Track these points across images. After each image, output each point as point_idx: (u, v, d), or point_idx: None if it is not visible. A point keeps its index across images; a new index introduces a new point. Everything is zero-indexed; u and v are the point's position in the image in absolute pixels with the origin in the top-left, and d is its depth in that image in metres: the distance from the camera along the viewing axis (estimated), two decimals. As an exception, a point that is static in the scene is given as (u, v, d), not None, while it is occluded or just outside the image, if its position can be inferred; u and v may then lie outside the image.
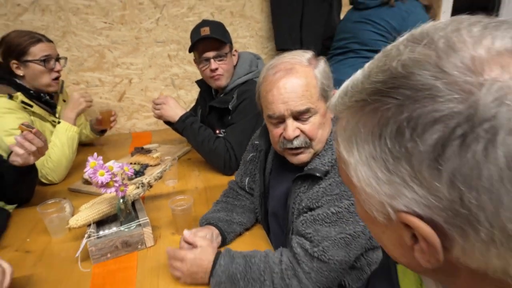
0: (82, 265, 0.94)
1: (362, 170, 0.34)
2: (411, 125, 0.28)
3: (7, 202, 1.28)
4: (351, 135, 0.35)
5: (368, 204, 0.36)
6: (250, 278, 0.82)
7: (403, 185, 0.31)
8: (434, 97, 0.26)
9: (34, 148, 1.12)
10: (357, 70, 0.37)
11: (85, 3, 1.93)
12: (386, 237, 0.39)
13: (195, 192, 1.35)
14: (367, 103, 0.32)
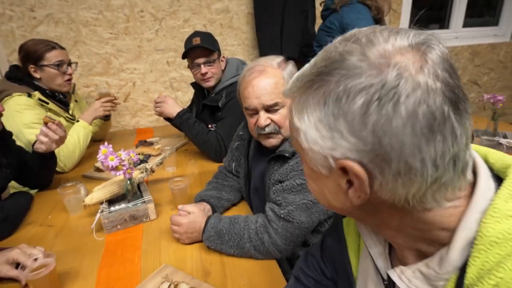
0: (97, 235, 0.99)
1: (311, 133, 0.38)
2: (346, 93, 0.34)
3: (31, 187, 1.31)
4: (303, 107, 0.39)
5: (314, 161, 0.39)
6: (232, 233, 0.87)
7: (341, 137, 0.36)
8: (360, 74, 0.33)
9: (57, 137, 1.16)
10: None
11: (94, 16, 1.93)
12: (327, 189, 0.41)
13: (191, 176, 1.38)
14: (314, 82, 0.37)
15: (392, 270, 0.43)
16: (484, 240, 0.34)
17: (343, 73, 0.34)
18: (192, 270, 0.84)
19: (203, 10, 2.10)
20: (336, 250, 0.60)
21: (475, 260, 0.34)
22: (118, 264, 0.87)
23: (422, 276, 0.40)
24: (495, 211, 0.34)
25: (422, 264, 0.40)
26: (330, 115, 0.36)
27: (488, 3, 3.03)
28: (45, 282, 0.74)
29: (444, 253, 0.37)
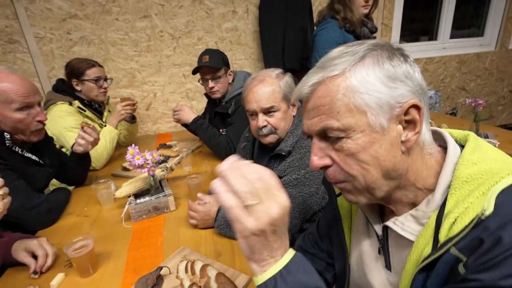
0: (125, 223, 1.05)
1: (379, 89, 0.42)
2: (392, 55, 0.43)
3: (69, 184, 1.39)
4: (363, 75, 0.42)
5: (377, 119, 0.42)
6: None
7: (403, 84, 0.42)
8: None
9: (92, 139, 1.24)
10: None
11: (120, 37, 2.02)
12: (382, 149, 0.43)
13: (205, 174, 1.42)
14: (365, 55, 0.43)
15: (389, 221, 0.49)
16: (458, 181, 0.41)
17: (384, 48, 0.44)
18: (206, 251, 0.89)
19: (214, 29, 2.18)
20: (332, 225, 0.65)
21: (452, 195, 0.41)
22: (144, 247, 0.93)
23: (412, 218, 0.46)
24: (464, 161, 0.43)
25: (413, 210, 0.47)
26: (390, 70, 0.42)
27: (474, 15, 3.02)
28: (85, 259, 0.81)
29: (430, 197, 0.45)
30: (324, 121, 0.44)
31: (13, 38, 1.87)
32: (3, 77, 0.99)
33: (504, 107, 3.29)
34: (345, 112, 0.42)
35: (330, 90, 0.43)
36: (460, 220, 0.39)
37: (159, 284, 0.74)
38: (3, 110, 0.99)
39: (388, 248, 0.52)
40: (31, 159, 1.13)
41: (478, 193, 0.39)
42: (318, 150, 0.47)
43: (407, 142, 0.43)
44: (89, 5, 1.92)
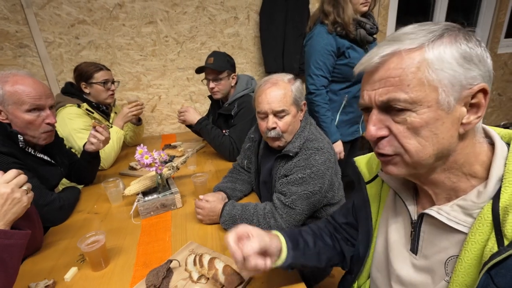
0: (134, 220, 1.06)
1: (454, 68, 0.41)
2: (469, 37, 0.42)
3: (78, 183, 1.39)
4: (439, 52, 0.41)
5: (448, 98, 0.41)
6: (244, 217, 0.93)
7: (476, 67, 0.41)
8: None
9: (103, 138, 1.25)
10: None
11: (127, 41, 2.03)
12: (443, 127, 0.43)
13: (209, 173, 1.43)
14: (443, 33, 0.42)
15: (429, 209, 0.48)
16: (511, 175, 0.41)
17: (461, 30, 0.43)
18: (212, 245, 0.90)
19: (217, 34, 2.19)
20: (361, 206, 0.65)
21: (506, 189, 0.41)
22: (153, 242, 0.95)
23: (459, 208, 0.45)
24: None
25: (459, 199, 0.46)
26: (466, 49, 0.41)
27: (464, 22, 3.05)
28: (97, 254, 0.82)
29: (481, 188, 0.44)
30: (392, 92, 0.43)
31: (23, 43, 1.88)
32: (19, 79, 1.00)
33: (493, 110, 3.33)
34: (416, 86, 0.41)
35: (404, 62, 0.42)
36: None
37: (169, 276, 0.75)
38: (15, 110, 1.00)
39: (419, 233, 0.52)
40: (44, 159, 1.14)
41: None
42: (377, 120, 0.46)
43: (467, 125, 0.43)
44: (97, 11, 1.93)
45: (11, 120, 1.01)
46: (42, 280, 0.79)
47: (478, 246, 0.42)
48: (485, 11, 2.92)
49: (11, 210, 0.69)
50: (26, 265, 0.88)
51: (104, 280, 0.80)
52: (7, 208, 0.68)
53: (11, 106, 0.99)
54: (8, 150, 0.98)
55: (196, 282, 0.74)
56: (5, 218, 0.68)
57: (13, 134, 1.01)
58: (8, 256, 0.66)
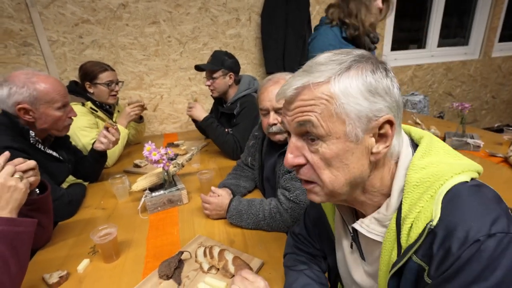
0: (142, 215, 1.08)
1: (360, 102, 0.42)
2: (376, 69, 0.43)
3: (84, 179, 1.41)
4: (346, 85, 0.42)
5: (353, 130, 0.42)
6: (250, 212, 0.96)
7: (382, 99, 0.42)
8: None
9: (114, 139, 1.28)
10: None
11: (130, 41, 2.05)
12: (353, 157, 0.44)
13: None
14: (351, 65, 0.43)
15: (355, 223, 0.52)
16: (409, 185, 0.43)
17: (369, 61, 0.44)
18: (220, 239, 0.94)
19: (219, 35, 2.22)
20: (319, 223, 0.68)
21: (405, 199, 0.43)
22: (161, 236, 0.97)
23: (376, 221, 0.48)
24: (413, 166, 0.44)
25: (375, 213, 0.49)
26: (374, 83, 0.42)
27: (460, 25, 3.14)
28: (109, 246, 0.85)
29: (388, 201, 0.47)
30: (306, 116, 0.44)
31: (28, 41, 1.89)
32: (44, 79, 1.05)
33: (487, 112, 3.41)
34: (326, 117, 0.43)
35: (314, 94, 0.43)
36: (415, 226, 0.41)
37: (181, 267, 0.78)
38: (46, 108, 1.05)
39: (359, 244, 0.55)
40: (52, 155, 1.16)
41: (427, 196, 0.41)
42: (294, 148, 0.47)
43: (377, 154, 0.44)
44: (101, 11, 1.95)
45: (39, 118, 1.05)
46: (55, 271, 0.81)
47: (388, 253, 0.45)
48: (479, 15, 3.00)
49: (12, 198, 0.71)
50: (38, 257, 0.91)
51: (117, 271, 0.82)
52: (6, 197, 0.70)
53: (43, 105, 1.04)
54: (19, 146, 1.01)
55: (207, 272, 0.77)
56: (8, 206, 0.70)
57: (25, 130, 1.04)
58: (19, 243, 0.68)
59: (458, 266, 0.36)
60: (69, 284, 0.79)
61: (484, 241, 0.35)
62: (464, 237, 0.36)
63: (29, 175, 0.78)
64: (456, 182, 0.41)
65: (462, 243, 0.36)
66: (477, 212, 0.38)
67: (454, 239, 0.37)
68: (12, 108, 1.01)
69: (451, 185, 0.41)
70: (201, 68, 1.63)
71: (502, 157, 1.37)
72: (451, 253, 0.37)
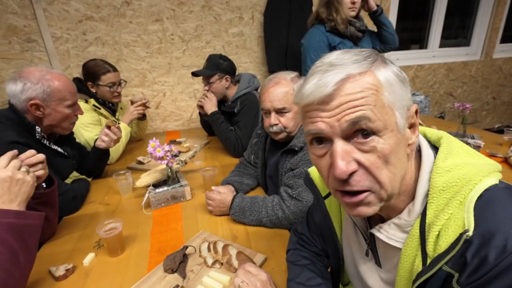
0: (145, 210, 1.10)
1: (401, 92, 0.41)
2: (390, 63, 0.43)
3: (87, 175, 1.42)
4: (385, 77, 0.40)
5: (402, 120, 0.41)
6: (253, 209, 0.97)
7: (408, 88, 0.42)
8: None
9: (115, 137, 1.29)
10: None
11: (133, 39, 2.06)
12: (403, 149, 0.41)
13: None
14: (375, 60, 0.42)
15: (373, 228, 0.49)
16: (435, 190, 0.41)
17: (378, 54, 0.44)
18: (223, 235, 0.95)
19: (222, 34, 2.23)
20: (323, 225, 0.66)
21: (430, 205, 0.40)
22: (165, 231, 0.99)
23: (396, 226, 0.46)
24: (438, 169, 0.42)
25: (395, 219, 0.46)
26: (399, 74, 0.42)
27: (461, 26, 3.14)
28: (114, 240, 0.86)
29: (411, 206, 0.44)
30: (360, 111, 0.38)
31: (31, 37, 1.90)
32: (58, 77, 1.07)
33: (488, 112, 3.42)
34: (379, 108, 0.38)
35: (361, 85, 0.39)
36: (445, 234, 0.38)
37: (185, 261, 0.80)
38: (57, 105, 1.07)
39: (376, 249, 0.52)
40: (57, 151, 1.17)
41: (456, 202, 0.38)
42: (344, 153, 0.39)
43: (412, 145, 0.43)
44: (105, 8, 1.96)
45: (49, 114, 1.07)
46: (61, 264, 0.83)
47: (410, 261, 0.43)
48: (481, 16, 3.01)
49: (20, 191, 0.72)
50: (45, 250, 0.92)
51: (122, 265, 0.84)
52: (15, 190, 0.71)
53: (54, 102, 1.06)
54: (25, 141, 1.02)
55: (211, 267, 0.78)
56: (17, 199, 0.71)
57: (31, 126, 1.05)
58: (27, 235, 0.70)
59: (493, 274, 0.34)
60: (75, 277, 0.80)
61: None
62: (503, 245, 0.34)
63: (38, 168, 0.80)
64: (486, 186, 0.39)
65: (501, 252, 0.34)
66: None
67: (492, 248, 0.34)
68: (24, 103, 1.02)
69: (481, 189, 0.38)
70: (198, 74, 1.64)
71: (502, 158, 1.39)
72: (488, 262, 0.34)
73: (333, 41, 1.63)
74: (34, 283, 0.78)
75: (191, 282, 0.74)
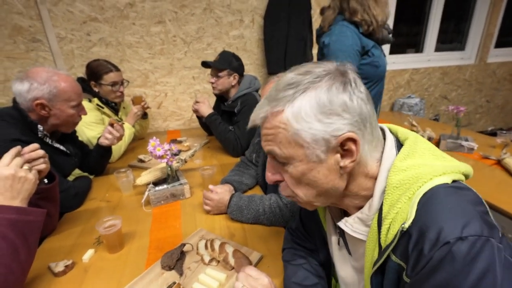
0: (145, 208, 1.09)
1: (314, 126, 0.42)
2: (331, 87, 0.42)
3: (89, 173, 1.42)
4: (299, 111, 0.42)
5: (314, 152, 0.43)
6: (250, 208, 0.97)
7: (340, 117, 0.42)
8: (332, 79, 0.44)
9: (118, 135, 1.28)
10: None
11: (136, 40, 2.05)
12: (320, 175, 0.45)
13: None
14: (306, 89, 0.42)
15: (340, 221, 0.52)
16: (390, 187, 0.43)
17: (325, 78, 0.43)
18: (220, 233, 0.94)
19: (222, 36, 2.22)
20: (311, 216, 0.69)
21: (386, 200, 0.43)
22: (164, 229, 0.98)
23: (359, 220, 0.49)
24: (394, 168, 0.44)
25: (358, 213, 0.49)
26: (326, 105, 0.41)
27: (457, 31, 3.14)
28: (113, 237, 0.85)
29: (371, 202, 0.47)
30: (271, 146, 0.46)
31: (36, 38, 1.89)
32: (64, 78, 1.07)
33: (481, 115, 3.41)
34: (285, 144, 0.44)
35: (272, 124, 0.45)
36: (392, 227, 0.41)
37: (183, 258, 0.79)
38: (62, 106, 1.07)
39: (345, 240, 0.56)
40: (60, 149, 1.16)
41: (405, 198, 0.41)
42: (271, 167, 0.51)
43: (345, 168, 0.45)
44: (109, 9, 1.95)
45: (54, 114, 1.07)
46: (61, 260, 0.82)
47: (371, 252, 0.46)
48: (476, 21, 3.00)
49: (22, 188, 0.71)
50: (45, 245, 0.91)
51: (121, 261, 0.83)
52: (17, 187, 0.71)
53: (60, 102, 1.06)
54: (27, 139, 1.01)
55: (208, 264, 0.77)
56: (19, 196, 0.71)
57: (33, 125, 1.04)
58: (28, 232, 0.69)
59: (430, 267, 0.36)
60: (74, 273, 0.79)
61: (454, 243, 0.35)
62: (435, 238, 0.36)
63: (40, 163, 0.79)
64: (435, 184, 0.40)
65: (433, 244, 0.36)
66: (449, 214, 0.37)
67: (426, 240, 0.37)
68: (29, 103, 1.02)
69: (429, 187, 0.40)
70: (207, 65, 1.63)
71: (495, 160, 1.38)
72: (423, 254, 0.36)
73: (367, 44, 1.32)
74: (34, 278, 0.77)
75: (188, 279, 0.73)
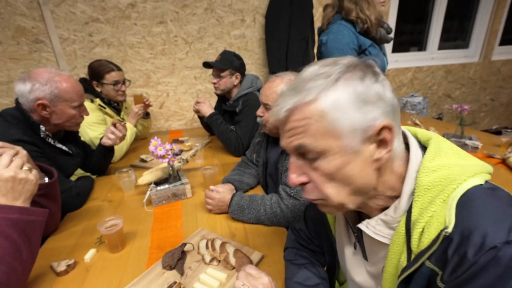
0: (147, 207, 1.09)
1: (351, 114, 0.40)
2: (365, 76, 0.41)
3: (92, 173, 1.42)
4: (335, 100, 0.40)
5: (352, 143, 0.41)
6: (251, 207, 0.96)
7: (375, 106, 0.40)
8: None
9: (121, 135, 1.29)
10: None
11: (138, 40, 2.06)
12: (356, 168, 0.42)
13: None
14: (339, 78, 0.41)
15: (360, 223, 0.49)
16: (420, 189, 0.41)
17: (357, 68, 0.42)
18: (221, 233, 0.94)
19: (224, 36, 2.22)
20: (319, 223, 0.67)
21: (416, 203, 0.41)
22: (165, 228, 0.98)
23: (382, 222, 0.46)
24: (424, 169, 0.42)
25: (382, 215, 0.46)
26: (362, 93, 0.40)
27: (460, 29, 3.10)
28: (115, 236, 0.85)
29: (397, 203, 0.45)
30: (301, 139, 0.42)
31: (39, 38, 1.90)
32: (66, 79, 1.07)
33: (486, 114, 3.37)
34: (319, 136, 0.41)
35: (305, 114, 0.42)
36: (427, 231, 0.39)
37: (184, 258, 0.79)
38: (64, 106, 1.07)
39: (363, 244, 0.53)
40: (62, 149, 1.17)
41: (439, 200, 0.39)
42: (295, 168, 0.46)
43: (380, 161, 0.43)
44: (110, 10, 1.96)
45: (55, 114, 1.07)
46: (63, 259, 0.82)
47: (396, 257, 0.44)
48: (480, 19, 2.97)
49: (24, 189, 0.71)
50: (47, 244, 0.92)
51: (122, 261, 0.83)
52: (18, 188, 0.70)
53: (61, 103, 1.06)
54: (29, 139, 1.01)
55: (209, 264, 0.77)
56: (21, 197, 0.71)
57: (35, 125, 1.04)
58: (31, 231, 0.69)
59: (473, 271, 0.34)
60: (76, 273, 0.80)
61: (501, 248, 0.33)
62: (480, 243, 0.35)
63: None
64: (470, 185, 0.39)
65: (479, 249, 0.34)
66: (493, 217, 0.36)
67: (470, 245, 0.35)
68: (31, 103, 1.02)
69: (465, 189, 0.39)
70: (209, 65, 1.63)
71: (500, 159, 1.36)
72: (467, 259, 0.35)
73: (364, 43, 1.34)
74: (36, 278, 0.78)
75: (188, 279, 0.73)
